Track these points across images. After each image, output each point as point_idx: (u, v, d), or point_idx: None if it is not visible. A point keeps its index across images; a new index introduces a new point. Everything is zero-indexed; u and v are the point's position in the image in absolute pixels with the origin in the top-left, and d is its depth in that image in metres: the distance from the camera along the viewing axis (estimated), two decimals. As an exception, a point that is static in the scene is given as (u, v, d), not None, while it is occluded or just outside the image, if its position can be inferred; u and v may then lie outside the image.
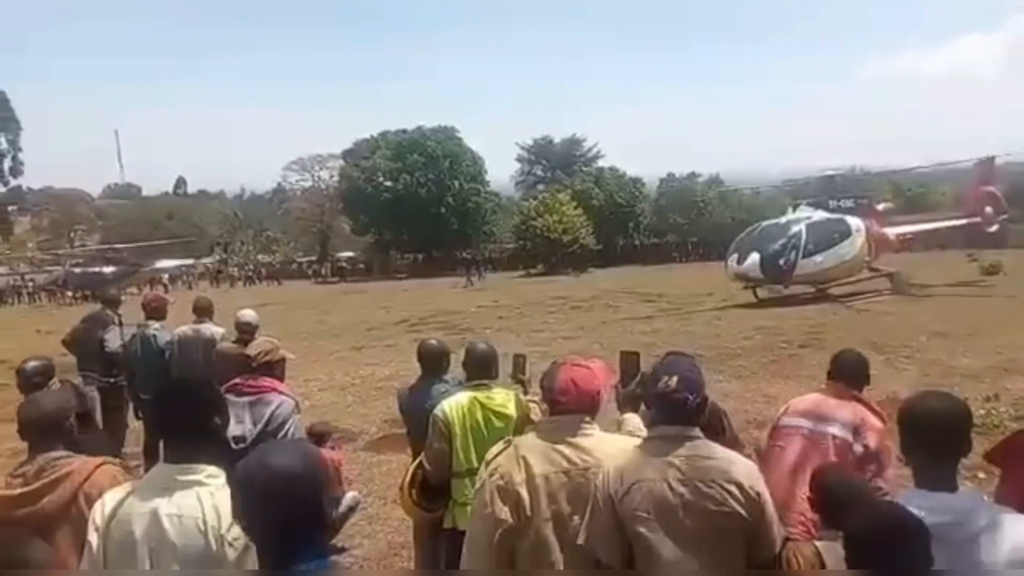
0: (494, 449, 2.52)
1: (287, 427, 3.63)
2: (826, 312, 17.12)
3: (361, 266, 55.20)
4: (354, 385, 11.35)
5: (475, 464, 3.60)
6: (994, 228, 27.36)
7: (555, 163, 64.82)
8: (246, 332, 5.82)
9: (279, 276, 52.31)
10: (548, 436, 2.42)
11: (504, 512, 2.31)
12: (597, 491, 2.26)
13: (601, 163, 61.47)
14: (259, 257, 61.99)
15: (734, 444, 2.70)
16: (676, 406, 2.24)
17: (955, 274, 22.65)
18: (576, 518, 2.29)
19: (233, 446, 3.55)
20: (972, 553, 1.83)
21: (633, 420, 2.85)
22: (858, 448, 2.94)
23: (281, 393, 3.72)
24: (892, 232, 23.18)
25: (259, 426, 3.54)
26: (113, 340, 6.78)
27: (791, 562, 2.40)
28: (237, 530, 1.76)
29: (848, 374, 3.31)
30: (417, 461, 3.74)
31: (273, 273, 53.39)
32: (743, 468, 2.22)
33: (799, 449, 3.07)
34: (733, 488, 2.14)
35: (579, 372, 2.48)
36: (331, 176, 61.26)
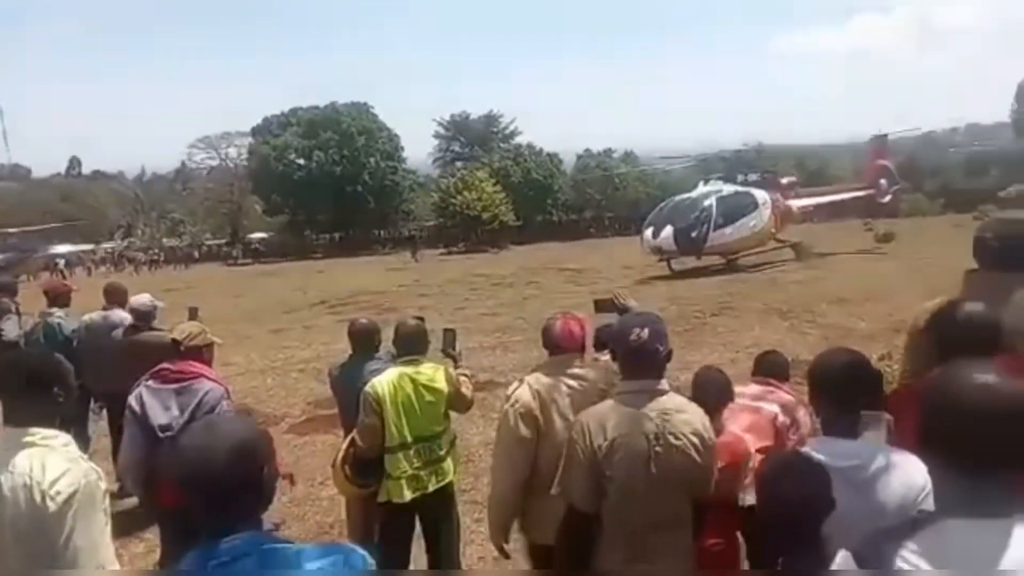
0: (512, 386, 3.09)
1: (217, 414, 3.56)
2: (736, 282, 17.89)
3: (275, 247, 53.53)
4: (274, 368, 11.11)
5: (408, 439, 3.64)
6: (887, 199, 29.30)
7: (473, 140, 64.48)
8: (142, 319, 5.44)
9: (186, 260, 50.11)
10: (553, 372, 3.01)
11: (526, 431, 2.90)
12: (576, 445, 2.42)
13: (519, 139, 61.71)
14: (164, 240, 59.07)
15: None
16: (648, 357, 2.40)
17: (853, 243, 24.07)
18: None
19: (159, 434, 3.46)
20: (871, 492, 2.03)
21: (604, 357, 3.40)
22: (782, 419, 3.21)
23: (210, 379, 3.62)
24: (795, 204, 24.39)
25: (187, 414, 3.44)
26: (11, 329, 6.36)
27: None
28: (61, 485, 2.01)
29: (769, 371, 3.56)
30: (350, 438, 3.74)
31: (180, 257, 51.07)
32: (701, 420, 2.45)
33: (742, 417, 3.24)
34: (695, 439, 2.37)
35: (572, 323, 3.11)
36: (239, 154, 58.91)
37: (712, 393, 3.03)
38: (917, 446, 1.48)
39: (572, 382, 2.97)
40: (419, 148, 65.91)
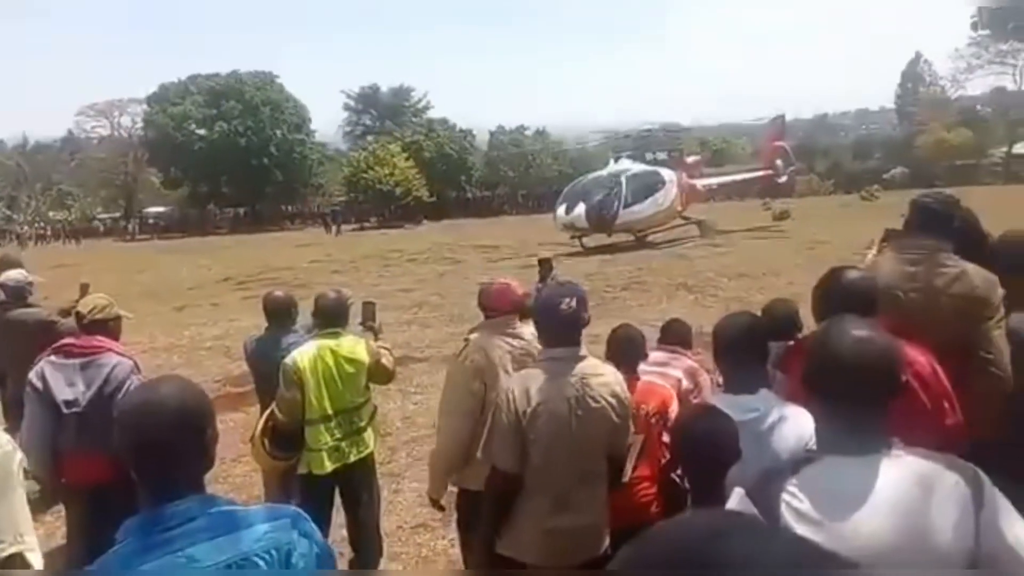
0: (462, 346, 3.29)
1: (125, 390, 3.41)
2: (645, 258, 18.48)
3: (174, 222, 50.82)
4: (179, 347, 10.72)
5: (328, 410, 3.65)
6: (784, 179, 30.76)
7: (383, 113, 63.06)
8: (14, 296, 4.92)
9: (77, 235, 46.95)
10: (493, 331, 3.20)
11: (477, 386, 3.07)
12: (501, 411, 2.53)
13: (431, 114, 60.87)
14: (51, 214, 55.01)
15: None
16: (574, 325, 2.54)
17: (752, 220, 25.26)
18: None
19: (64, 410, 3.33)
20: (767, 442, 2.24)
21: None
22: (687, 383, 3.41)
23: (117, 353, 3.50)
24: (700, 183, 25.30)
25: (93, 389, 3.32)
26: None
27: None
28: None
29: (673, 339, 3.75)
30: (268, 411, 3.71)
31: (70, 231, 47.79)
32: (617, 381, 2.60)
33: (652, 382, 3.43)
34: (613, 400, 2.53)
35: (504, 287, 3.34)
36: (134, 123, 55.49)
37: (628, 350, 3.21)
38: (803, 392, 1.65)
39: (512, 341, 3.15)
40: (328, 120, 64.10)
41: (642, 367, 3.40)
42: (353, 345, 3.77)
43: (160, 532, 1.40)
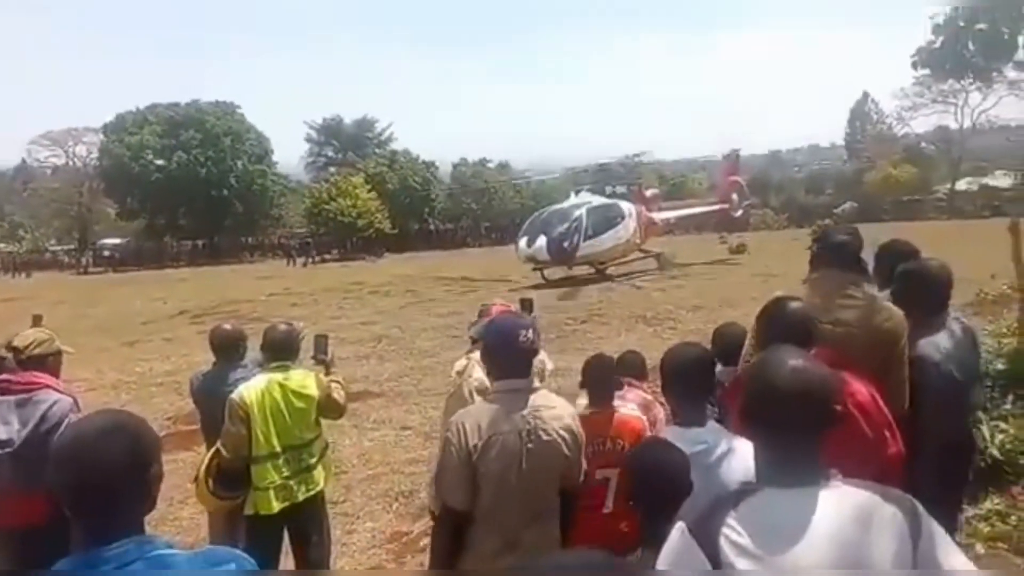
0: (460, 362, 3.43)
1: (63, 428, 3.31)
2: (605, 290, 18.65)
3: (130, 254, 49.57)
4: (128, 383, 10.44)
5: (276, 447, 3.58)
6: (739, 213, 31.50)
7: (346, 145, 62.98)
8: None
9: (27, 267, 45.47)
10: None
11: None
12: (451, 445, 2.47)
13: (394, 146, 60.96)
14: (1, 246, 53.24)
15: None
16: (529, 357, 2.55)
17: (709, 254, 25.73)
18: None
19: (-2, 450, 3.20)
20: (716, 474, 2.26)
21: None
22: (647, 420, 3.38)
23: (55, 390, 3.38)
24: (658, 216, 25.74)
25: (28, 427, 3.20)
26: None
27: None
28: None
29: (629, 371, 3.78)
30: (214, 449, 3.62)
31: (20, 264, 46.25)
32: (571, 415, 2.58)
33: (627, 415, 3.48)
34: (565, 434, 2.49)
35: (505, 308, 3.56)
36: (89, 153, 54.31)
37: (603, 379, 3.20)
38: (741, 424, 1.67)
39: None
40: (290, 152, 63.73)
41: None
42: (303, 379, 3.71)
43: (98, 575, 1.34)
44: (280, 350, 3.73)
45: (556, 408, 2.54)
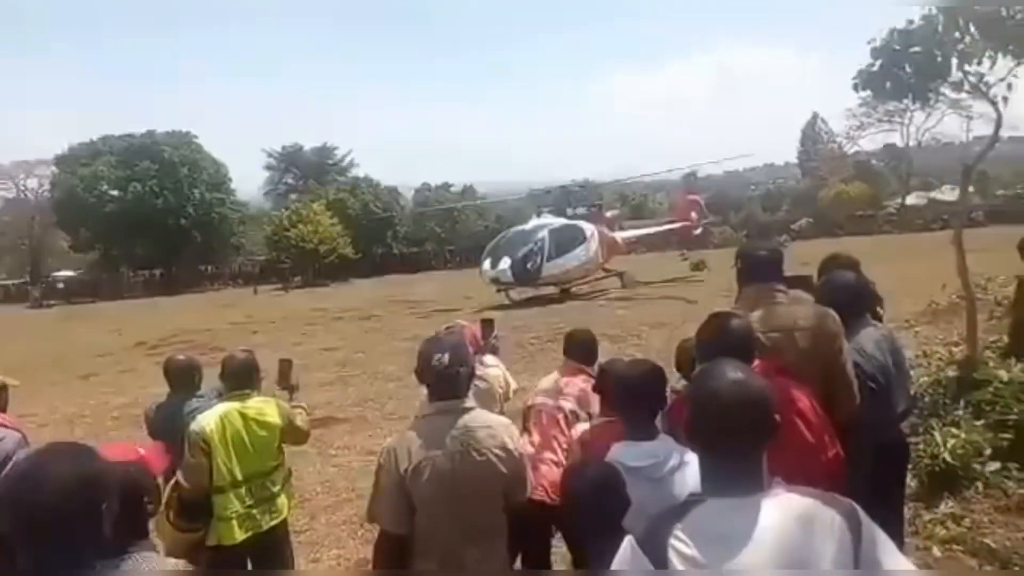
0: None
1: (12, 464, 3.23)
2: (569, 310, 18.74)
3: (84, 286, 48.27)
4: (83, 417, 10.16)
5: (238, 477, 3.52)
6: (699, 231, 32.05)
7: (307, 172, 62.61)
8: None
9: (-26, 302, 44.06)
10: None
11: None
12: (383, 470, 2.46)
13: (356, 172, 60.79)
14: (-54, 280, 51.55)
15: None
16: (450, 379, 2.50)
17: (670, 271, 26.09)
18: None
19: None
20: (667, 486, 2.31)
21: (491, 359, 4.30)
22: (583, 415, 3.43)
23: (3, 425, 3.30)
24: (620, 236, 26.04)
25: None
26: None
27: None
28: None
29: (576, 352, 3.79)
30: (173, 481, 3.54)
31: (-32, 299, 44.80)
32: (507, 432, 2.55)
33: (544, 424, 3.52)
34: (499, 451, 2.47)
35: (462, 328, 3.68)
36: (41, 185, 53.13)
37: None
38: (686, 437, 1.71)
39: (478, 382, 3.38)
40: (249, 181, 63.05)
41: (536, 392, 3.63)
42: (263, 406, 3.66)
43: None
44: (240, 378, 3.68)
45: (491, 427, 2.51)
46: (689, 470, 2.28)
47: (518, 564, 3.08)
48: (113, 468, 1.53)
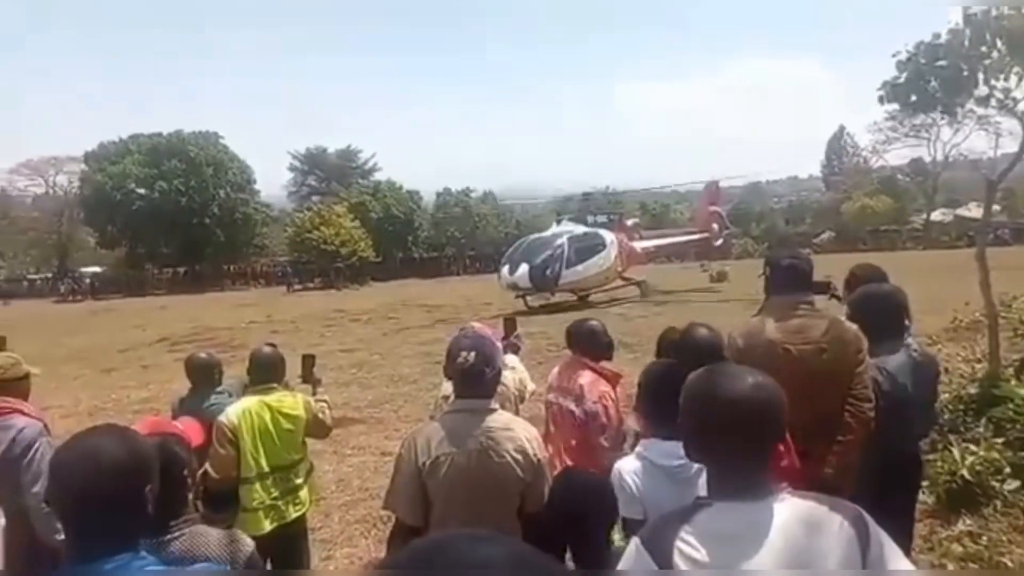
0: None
1: (33, 453, 3.26)
2: (586, 317, 18.64)
3: (109, 282, 48.99)
4: (104, 410, 10.31)
5: (265, 468, 3.60)
6: (720, 242, 31.86)
7: (330, 174, 63.17)
8: None
9: (4, 295, 44.83)
10: None
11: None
12: (402, 461, 2.49)
13: (378, 176, 61.25)
14: (-24, 274, 52.52)
15: None
16: (475, 378, 2.51)
17: (690, 282, 25.95)
18: None
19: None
20: (693, 488, 2.28)
21: (512, 359, 4.26)
22: (580, 414, 3.34)
23: (25, 415, 3.35)
24: (639, 245, 26.00)
25: None
26: None
27: None
28: None
29: (579, 344, 3.71)
30: (201, 471, 3.61)
31: (-4, 292, 45.60)
32: (529, 437, 2.54)
33: (555, 421, 3.50)
34: (519, 456, 2.47)
35: (483, 328, 3.36)
36: (70, 181, 54.04)
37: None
38: (685, 439, 1.68)
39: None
40: (274, 181, 63.76)
41: (550, 396, 3.53)
42: (289, 400, 3.75)
43: None
44: (266, 372, 3.77)
45: (512, 431, 2.51)
46: None
47: None
48: (155, 450, 1.56)
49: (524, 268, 21.11)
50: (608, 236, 23.23)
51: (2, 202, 61.27)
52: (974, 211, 50.90)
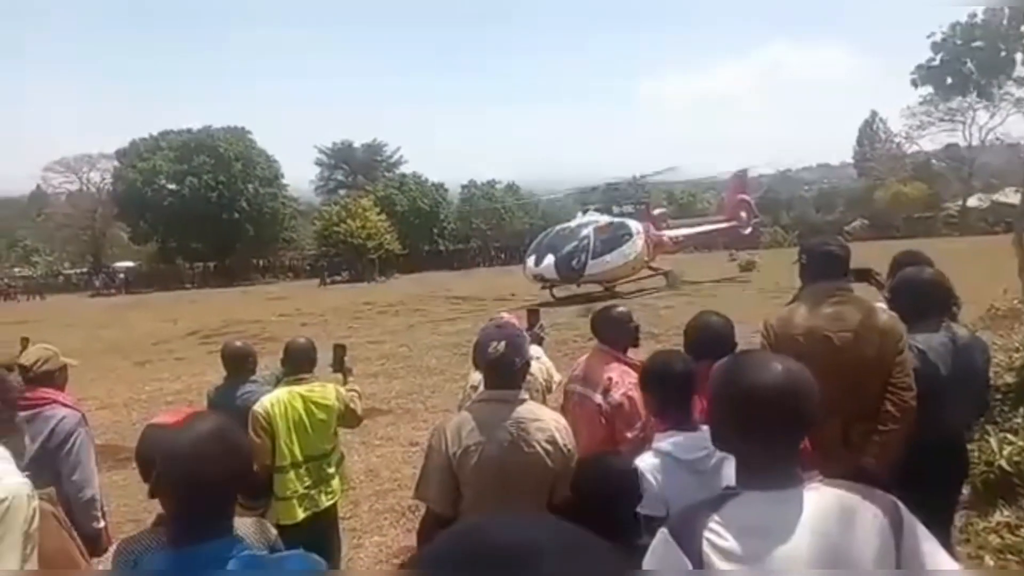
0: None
1: (71, 443, 3.34)
2: (612, 304, 18.55)
3: (142, 277, 50.01)
4: (139, 401, 10.52)
5: (299, 457, 3.65)
6: (748, 231, 31.47)
7: (356, 168, 63.64)
8: None
9: (42, 290, 45.97)
10: None
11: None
12: (433, 450, 2.50)
13: (403, 169, 61.55)
14: (15, 271, 53.87)
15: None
16: (505, 369, 2.52)
17: (718, 271, 25.69)
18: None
19: (8, 468, 3.25)
20: (715, 479, 2.26)
21: (536, 349, 4.08)
22: (606, 407, 3.24)
23: (63, 405, 3.42)
24: (666, 235, 25.77)
25: (38, 443, 3.24)
26: None
27: None
28: None
29: (605, 332, 3.58)
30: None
31: (34, 287, 46.76)
32: (559, 427, 2.53)
33: (574, 411, 3.38)
34: (550, 447, 2.46)
35: (509, 320, 3.73)
36: (103, 178, 55.16)
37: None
38: (711, 430, 1.64)
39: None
40: (301, 176, 64.38)
41: (571, 386, 3.41)
42: (323, 390, 3.80)
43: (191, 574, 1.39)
44: (300, 362, 3.84)
45: (543, 421, 2.49)
46: (731, 464, 2.26)
47: None
48: (247, 450, 1.62)
49: (550, 259, 21.05)
50: (635, 225, 23.06)
51: (38, 199, 62.90)
52: (1012, 196, 49.58)
